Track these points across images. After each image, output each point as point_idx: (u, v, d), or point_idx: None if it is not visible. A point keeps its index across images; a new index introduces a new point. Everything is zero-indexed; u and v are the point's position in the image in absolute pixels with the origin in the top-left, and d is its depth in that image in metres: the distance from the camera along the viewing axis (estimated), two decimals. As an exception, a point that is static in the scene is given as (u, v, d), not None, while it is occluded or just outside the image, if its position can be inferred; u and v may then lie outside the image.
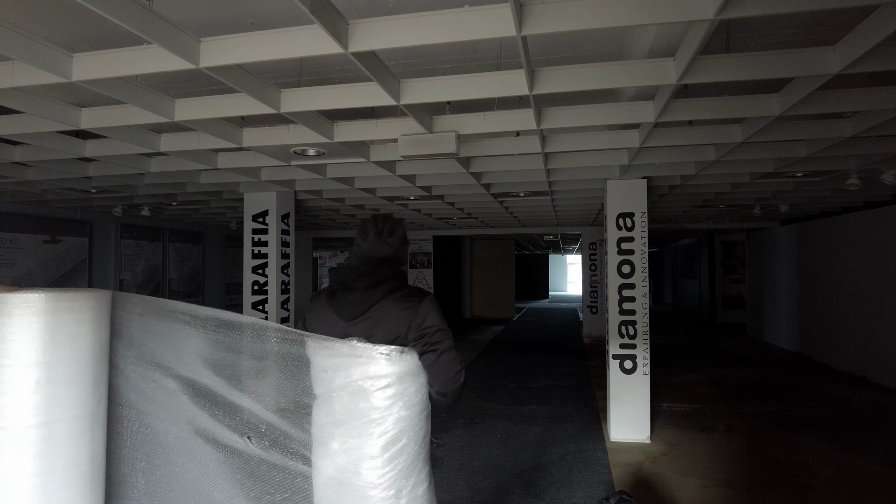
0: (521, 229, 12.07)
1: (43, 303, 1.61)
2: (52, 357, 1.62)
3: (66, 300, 1.66)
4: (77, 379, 1.68)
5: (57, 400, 1.63)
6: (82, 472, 1.70)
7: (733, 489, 3.98)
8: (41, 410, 1.60)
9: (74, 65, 2.64)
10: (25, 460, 1.58)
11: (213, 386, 1.91)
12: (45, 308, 1.61)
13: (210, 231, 11.31)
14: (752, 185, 5.85)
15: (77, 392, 1.68)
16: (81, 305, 1.70)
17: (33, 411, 1.59)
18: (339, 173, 5.23)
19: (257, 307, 6.27)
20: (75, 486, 1.67)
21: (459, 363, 1.79)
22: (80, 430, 1.69)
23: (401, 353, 1.71)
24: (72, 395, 1.67)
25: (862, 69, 2.53)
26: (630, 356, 5.15)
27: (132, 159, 4.73)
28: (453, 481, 4.17)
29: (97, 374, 1.76)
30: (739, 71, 2.65)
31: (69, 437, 1.66)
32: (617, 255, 5.24)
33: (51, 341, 1.62)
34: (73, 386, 1.67)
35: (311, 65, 3.05)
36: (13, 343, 1.58)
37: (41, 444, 1.60)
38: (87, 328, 1.72)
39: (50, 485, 1.61)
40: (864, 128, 3.56)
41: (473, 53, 2.99)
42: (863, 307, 7.65)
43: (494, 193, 6.40)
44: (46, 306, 1.62)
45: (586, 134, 4.11)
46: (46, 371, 1.61)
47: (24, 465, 1.58)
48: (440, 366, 1.75)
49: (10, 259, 7.25)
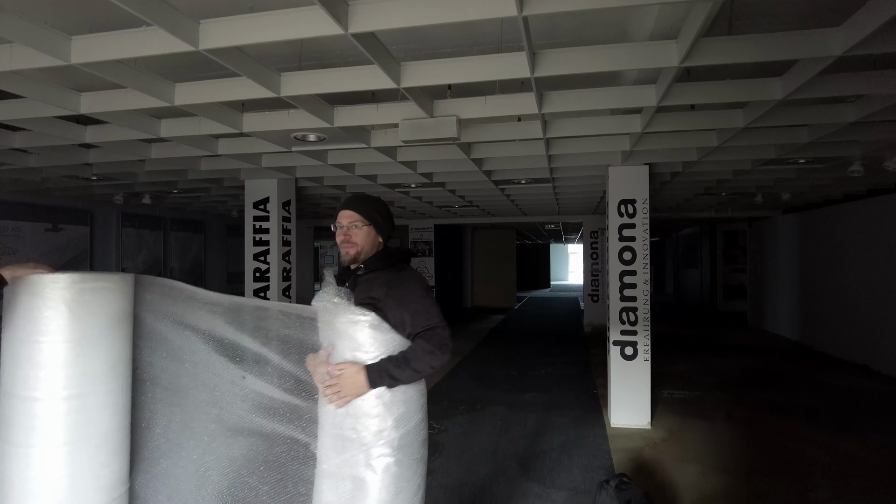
0: (522, 218, 12.06)
1: (73, 284, 1.73)
2: (81, 334, 1.73)
3: (94, 281, 1.79)
4: (105, 354, 1.80)
5: (86, 375, 1.75)
6: (109, 442, 1.83)
7: (732, 475, 4.00)
8: (72, 384, 1.72)
9: (73, 47, 2.62)
10: (58, 430, 1.71)
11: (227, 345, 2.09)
12: (74, 289, 1.73)
13: (211, 220, 11.32)
14: (754, 172, 5.83)
15: (104, 367, 1.80)
16: (107, 286, 1.82)
17: (65, 384, 1.71)
18: (339, 160, 5.22)
19: (258, 294, 6.29)
20: (103, 454, 1.80)
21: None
22: (107, 403, 1.81)
23: None
24: (99, 369, 1.79)
25: (866, 51, 2.51)
26: (631, 343, 5.17)
27: (132, 145, 4.73)
28: (454, 467, 4.19)
29: (122, 350, 1.89)
30: (742, 53, 2.63)
31: (97, 410, 1.78)
32: (618, 242, 5.23)
33: (80, 319, 1.74)
34: (100, 361, 1.79)
35: (312, 50, 3.03)
36: (47, 320, 1.70)
37: (72, 416, 1.72)
38: (113, 308, 1.84)
39: (80, 453, 1.74)
40: (868, 113, 3.53)
41: (474, 38, 2.97)
42: (864, 296, 7.65)
43: (496, 180, 6.38)
44: (76, 287, 1.73)
45: (588, 119, 4.09)
46: (77, 347, 1.73)
47: (56, 434, 1.71)
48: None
49: (12, 248, 7.27)
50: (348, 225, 1.97)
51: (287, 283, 6.48)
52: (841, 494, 3.68)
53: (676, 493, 3.72)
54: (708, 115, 3.93)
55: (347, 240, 1.96)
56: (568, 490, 3.76)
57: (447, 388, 6.72)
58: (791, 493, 3.72)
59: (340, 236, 1.97)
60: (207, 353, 2.07)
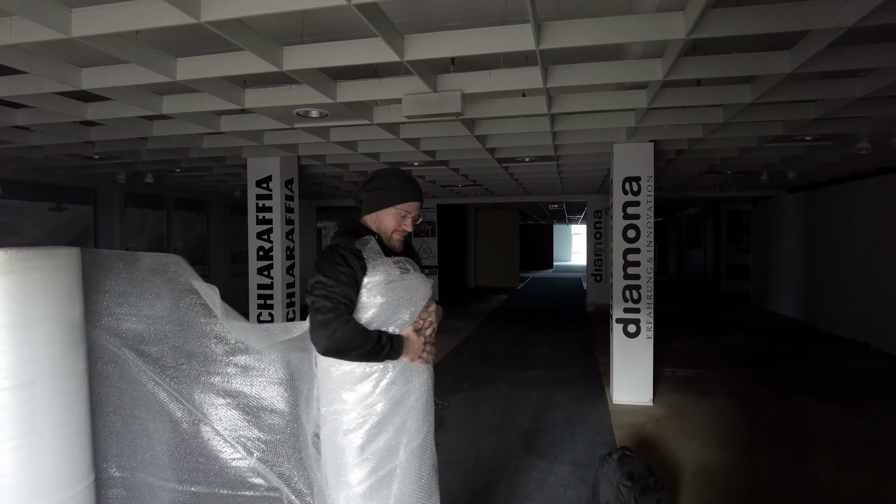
0: (525, 197, 12.01)
1: (11, 262, 1.51)
2: (21, 318, 1.53)
3: (36, 258, 1.57)
4: (54, 338, 1.61)
5: (33, 362, 1.56)
6: (69, 433, 1.66)
7: (733, 450, 4.04)
8: (15, 372, 1.53)
9: (74, 20, 2.60)
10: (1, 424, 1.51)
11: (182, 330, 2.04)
12: (13, 268, 1.52)
13: (214, 200, 11.31)
14: (759, 149, 5.78)
15: (53, 352, 1.61)
16: (52, 263, 1.61)
17: (6, 373, 1.52)
18: (342, 137, 5.19)
19: (262, 272, 6.31)
20: (59, 447, 1.63)
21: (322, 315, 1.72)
22: (63, 391, 1.64)
23: None
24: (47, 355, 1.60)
25: (880, 21, 2.46)
26: (634, 320, 5.18)
27: (134, 123, 4.71)
28: (457, 442, 4.24)
29: (75, 333, 1.70)
30: (751, 25, 2.59)
31: (52, 398, 1.60)
32: (622, 220, 5.22)
33: (17, 301, 1.52)
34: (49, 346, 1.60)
35: (314, 24, 3.00)
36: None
37: (18, 408, 1.53)
38: (61, 286, 1.63)
39: (29, 447, 1.55)
40: (877, 87, 3.48)
41: (479, 11, 2.93)
42: (868, 274, 7.63)
43: (499, 158, 6.35)
44: (15, 265, 1.52)
45: (593, 94, 4.05)
46: (17, 332, 1.53)
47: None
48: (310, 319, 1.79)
49: (16, 227, 7.29)
50: (415, 217, 1.98)
51: (291, 261, 6.49)
52: (840, 467, 3.72)
53: (678, 467, 3.76)
54: (714, 91, 3.89)
55: (406, 229, 1.96)
56: (570, 464, 3.81)
57: (450, 365, 6.76)
58: (791, 466, 3.75)
59: (406, 225, 1.94)
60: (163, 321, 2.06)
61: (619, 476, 2.74)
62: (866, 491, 3.42)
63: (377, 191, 1.94)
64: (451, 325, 9.85)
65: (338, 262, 1.76)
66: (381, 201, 1.93)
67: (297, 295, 6.64)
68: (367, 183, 1.97)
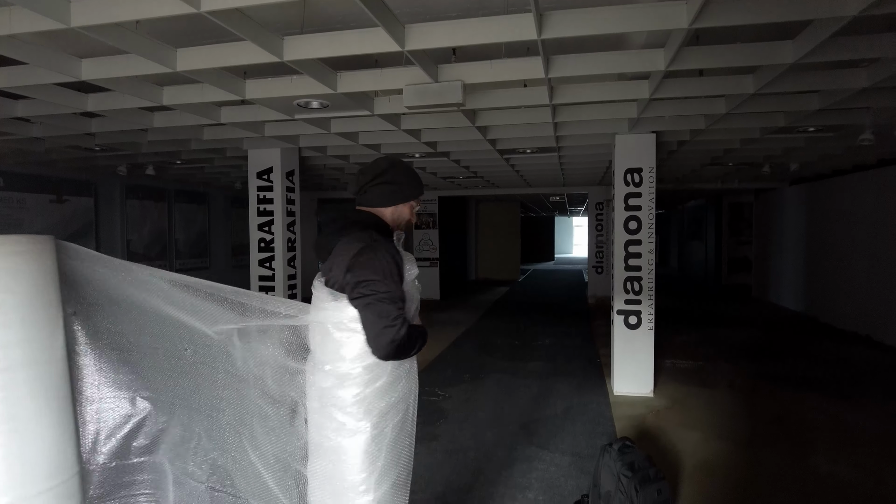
0: (527, 189, 11.98)
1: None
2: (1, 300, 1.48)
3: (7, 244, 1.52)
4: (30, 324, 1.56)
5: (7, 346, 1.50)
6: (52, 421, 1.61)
7: (734, 442, 4.05)
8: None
9: (73, 10, 2.59)
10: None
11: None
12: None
13: (215, 193, 11.30)
14: (762, 140, 5.76)
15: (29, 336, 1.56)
16: (25, 249, 1.57)
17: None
18: (343, 128, 5.18)
19: (264, 264, 6.31)
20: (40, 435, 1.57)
21: (390, 320, 1.66)
22: (43, 377, 1.59)
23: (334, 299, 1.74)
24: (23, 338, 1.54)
25: (885, 10, 2.44)
26: (635, 312, 5.18)
27: (135, 114, 4.69)
28: (458, 433, 4.26)
29: (53, 318, 1.66)
30: (754, 13, 2.57)
31: (31, 385, 1.55)
32: (624, 212, 5.21)
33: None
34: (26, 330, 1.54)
35: (315, 14, 2.98)
36: None
37: None
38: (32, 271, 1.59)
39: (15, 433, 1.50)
40: (881, 78, 3.46)
41: (480, 0, 2.91)
42: (870, 267, 7.63)
43: (501, 150, 6.33)
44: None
45: (595, 85, 4.03)
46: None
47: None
48: (365, 319, 1.69)
49: (18, 219, 7.29)
50: None
51: (292, 253, 6.50)
52: (838, 460, 3.73)
53: (678, 458, 3.77)
54: (716, 81, 3.87)
55: (413, 221, 2.03)
56: (571, 455, 3.82)
57: (451, 357, 6.78)
58: (790, 458, 3.76)
59: (413, 217, 2.01)
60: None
61: (620, 466, 2.75)
62: (868, 486, 3.43)
63: (395, 184, 1.89)
64: (453, 316, 9.87)
65: (390, 263, 1.72)
66: (401, 195, 1.91)
67: (298, 287, 6.65)
68: (379, 175, 1.88)
